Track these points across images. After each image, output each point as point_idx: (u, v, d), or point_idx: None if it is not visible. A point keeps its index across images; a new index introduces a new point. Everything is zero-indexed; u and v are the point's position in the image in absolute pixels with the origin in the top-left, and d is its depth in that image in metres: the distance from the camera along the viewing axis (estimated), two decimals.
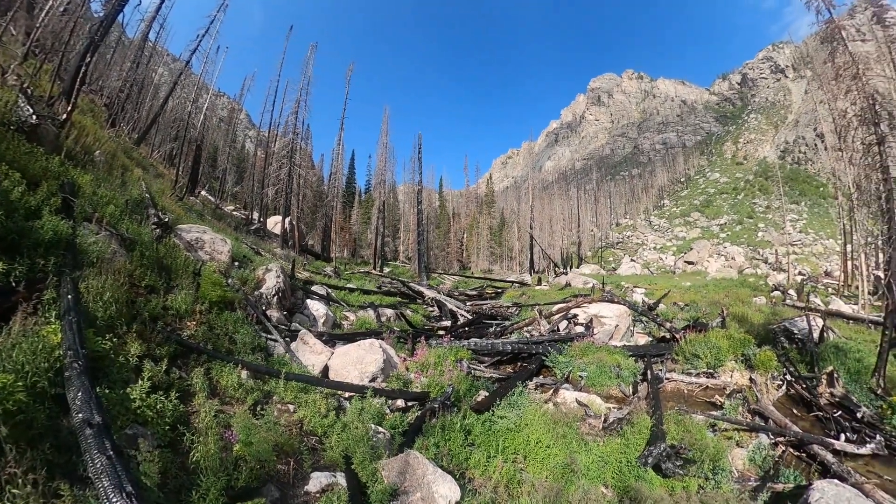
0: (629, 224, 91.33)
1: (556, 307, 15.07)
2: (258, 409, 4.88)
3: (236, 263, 10.14)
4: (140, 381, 3.89)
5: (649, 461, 5.41)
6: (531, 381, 8.67)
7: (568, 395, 7.87)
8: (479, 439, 5.55)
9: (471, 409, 6.13)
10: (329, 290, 14.29)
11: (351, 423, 4.90)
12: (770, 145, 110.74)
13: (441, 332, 11.46)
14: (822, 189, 79.11)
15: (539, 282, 31.00)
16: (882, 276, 10.52)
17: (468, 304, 19.38)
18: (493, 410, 6.24)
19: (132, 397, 3.73)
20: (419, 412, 6.03)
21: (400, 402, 6.53)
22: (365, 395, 5.71)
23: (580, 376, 8.88)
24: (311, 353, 7.50)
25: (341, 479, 4.12)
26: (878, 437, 6.70)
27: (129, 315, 4.94)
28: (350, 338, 9.13)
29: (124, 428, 3.53)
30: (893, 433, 6.89)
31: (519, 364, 10.20)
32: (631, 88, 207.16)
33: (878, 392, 8.30)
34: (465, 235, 67.21)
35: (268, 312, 8.97)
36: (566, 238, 72.47)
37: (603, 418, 7.05)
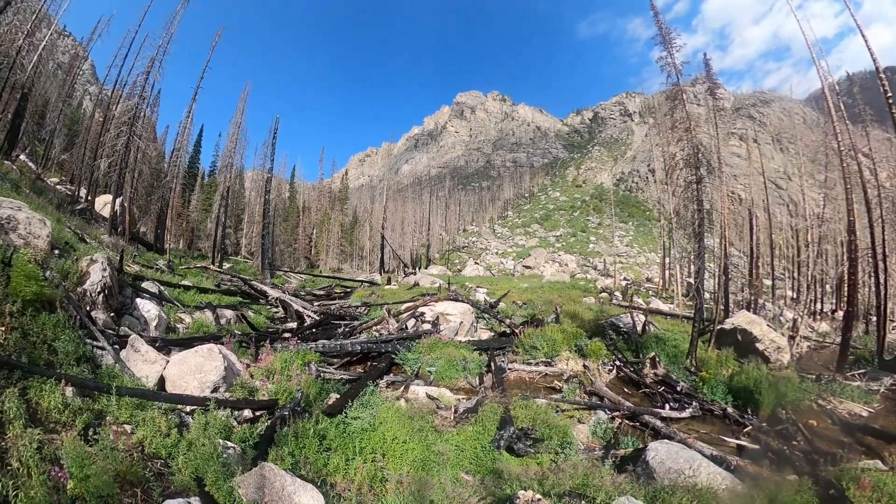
0: (475, 231, 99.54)
1: (404, 306, 15.59)
2: (90, 433, 4.24)
3: (56, 251, 8.95)
4: None
5: (501, 444, 5.83)
6: (382, 379, 8.83)
7: (419, 391, 8.12)
8: (336, 443, 5.51)
9: (323, 414, 6.03)
10: (162, 288, 12.60)
11: (197, 440, 4.58)
12: (608, 174, 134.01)
13: (287, 335, 11.05)
14: (647, 213, 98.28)
15: (389, 281, 31.56)
16: (692, 282, 13.49)
17: (316, 304, 18.99)
18: (346, 412, 6.18)
19: None
20: (269, 421, 5.80)
21: (247, 413, 6.18)
22: (208, 407, 5.30)
23: (429, 371, 9.29)
24: (143, 363, 6.70)
25: (196, 503, 3.84)
26: (694, 403, 8.46)
27: None
28: (187, 343, 8.32)
29: None
30: (705, 399, 8.79)
31: (369, 363, 10.31)
32: (493, 108, 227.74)
33: (692, 370, 10.66)
34: (316, 231, 64.48)
35: (93, 314, 7.98)
36: (416, 240, 75.12)
37: (454, 409, 7.36)
